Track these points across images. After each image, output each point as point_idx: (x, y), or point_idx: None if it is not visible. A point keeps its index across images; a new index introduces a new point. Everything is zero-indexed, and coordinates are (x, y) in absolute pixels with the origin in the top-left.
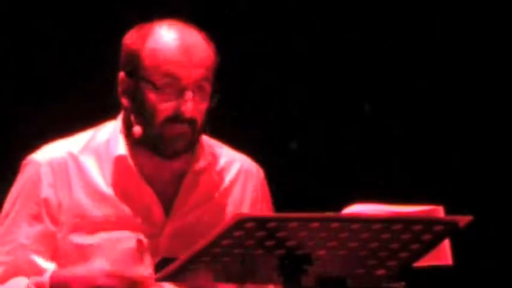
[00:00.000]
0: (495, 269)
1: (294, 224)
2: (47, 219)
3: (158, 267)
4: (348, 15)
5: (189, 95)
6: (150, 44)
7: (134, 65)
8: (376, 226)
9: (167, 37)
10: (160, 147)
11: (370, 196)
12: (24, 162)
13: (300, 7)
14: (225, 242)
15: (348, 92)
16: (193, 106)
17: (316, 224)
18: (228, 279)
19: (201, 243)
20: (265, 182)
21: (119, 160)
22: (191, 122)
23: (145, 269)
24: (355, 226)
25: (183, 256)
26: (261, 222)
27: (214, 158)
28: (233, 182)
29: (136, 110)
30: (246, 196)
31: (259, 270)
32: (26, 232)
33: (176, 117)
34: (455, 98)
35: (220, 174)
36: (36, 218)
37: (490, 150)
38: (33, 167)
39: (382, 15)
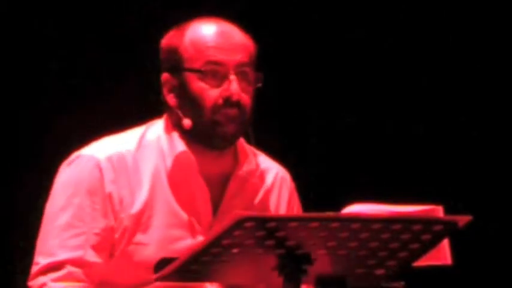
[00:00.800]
0: (495, 269)
1: (294, 224)
2: (110, 215)
3: (158, 267)
4: (348, 15)
5: (233, 77)
6: (189, 35)
7: (176, 60)
8: (376, 226)
9: (205, 26)
10: (212, 135)
11: (370, 196)
12: (73, 157)
13: (300, 7)
14: (225, 241)
15: (348, 92)
16: (239, 89)
17: (315, 224)
18: (228, 279)
19: (201, 243)
20: (295, 190)
21: (179, 157)
22: (239, 105)
23: None
24: (354, 226)
25: (183, 256)
26: (260, 221)
27: (256, 164)
28: (271, 189)
29: (184, 105)
30: (281, 203)
31: (259, 270)
32: (91, 226)
33: (224, 102)
34: (455, 98)
35: (260, 180)
36: (102, 212)
37: (490, 151)
38: (90, 162)
39: (382, 15)
